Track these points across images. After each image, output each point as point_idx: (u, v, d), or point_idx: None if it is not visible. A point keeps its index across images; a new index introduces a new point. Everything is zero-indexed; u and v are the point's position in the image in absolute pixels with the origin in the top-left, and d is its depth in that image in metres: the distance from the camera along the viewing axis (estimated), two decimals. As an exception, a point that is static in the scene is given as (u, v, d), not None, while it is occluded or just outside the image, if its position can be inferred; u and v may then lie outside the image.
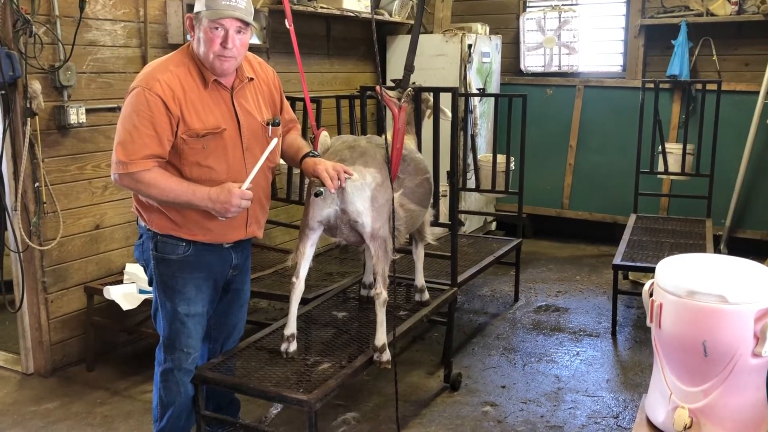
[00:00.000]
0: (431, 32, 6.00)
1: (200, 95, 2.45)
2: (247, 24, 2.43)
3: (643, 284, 4.58)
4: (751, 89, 5.61)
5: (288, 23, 2.73)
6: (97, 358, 3.85)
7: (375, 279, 2.78)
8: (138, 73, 2.52)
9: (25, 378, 3.75)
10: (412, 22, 5.91)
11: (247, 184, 2.42)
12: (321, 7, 5.01)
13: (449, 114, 3.54)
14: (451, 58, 5.70)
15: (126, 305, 3.60)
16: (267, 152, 2.50)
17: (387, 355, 2.80)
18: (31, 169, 3.52)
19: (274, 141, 2.55)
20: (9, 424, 3.30)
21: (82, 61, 3.69)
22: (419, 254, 3.44)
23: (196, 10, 2.42)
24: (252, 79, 2.60)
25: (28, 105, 3.42)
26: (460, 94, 4.76)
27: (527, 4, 6.63)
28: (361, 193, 2.66)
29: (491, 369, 3.87)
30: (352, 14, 5.24)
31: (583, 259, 5.93)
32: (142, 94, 2.36)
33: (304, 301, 3.16)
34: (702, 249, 4.45)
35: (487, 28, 6.26)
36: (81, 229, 3.80)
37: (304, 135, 3.68)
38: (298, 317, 2.89)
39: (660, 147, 5.33)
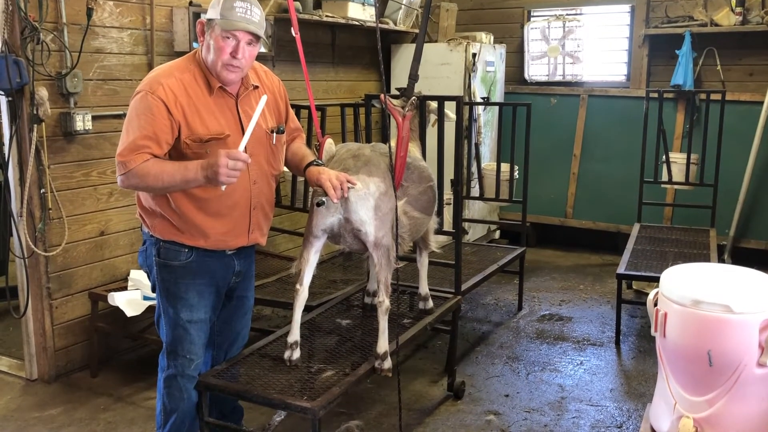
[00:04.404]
0: (436, 41, 6.02)
1: (205, 101, 2.47)
2: (258, 37, 2.44)
3: (646, 293, 4.58)
4: (756, 99, 5.61)
5: (294, 31, 2.74)
6: (100, 364, 3.86)
7: (378, 287, 2.79)
8: (144, 79, 2.53)
9: (29, 384, 3.75)
10: (416, 31, 5.94)
11: (243, 144, 2.33)
12: (326, 16, 5.04)
13: (453, 116, 3.56)
14: (456, 66, 5.72)
15: (130, 312, 3.60)
16: (261, 104, 2.39)
17: (388, 363, 2.80)
18: (37, 175, 3.54)
19: (265, 97, 2.45)
20: (12, 429, 3.31)
21: (88, 68, 3.71)
22: (423, 262, 3.44)
23: (209, 16, 2.43)
24: (257, 87, 2.62)
25: (35, 111, 3.44)
26: (465, 103, 4.77)
27: (532, 14, 6.65)
28: (364, 203, 2.67)
29: (495, 378, 3.86)
30: (357, 23, 5.27)
31: (587, 268, 5.92)
32: (145, 97, 2.39)
33: (307, 309, 3.16)
34: (706, 259, 4.44)
35: (492, 37, 6.28)
36: (86, 235, 3.81)
37: (308, 143, 3.69)
38: (302, 325, 2.89)
39: (664, 156, 5.33)
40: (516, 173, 5.07)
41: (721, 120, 5.08)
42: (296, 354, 2.79)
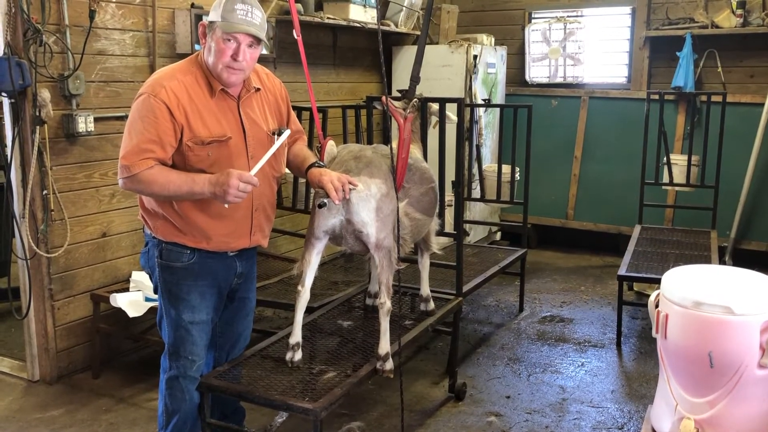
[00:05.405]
0: (437, 43, 6.02)
1: (207, 103, 2.48)
2: (259, 40, 2.45)
3: (647, 295, 4.58)
4: (756, 101, 5.62)
5: (296, 34, 2.74)
6: (102, 365, 3.86)
7: (379, 288, 2.79)
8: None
9: (31, 385, 3.76)
10: (417, 32, 5.95)
11: (255, 170, 2.41)
12: (328, 18, 5.05)
13: (454, 118, 3.56)
14: (457, 68, 5.73)
15: (132, 313, 3.61)
16: (280, 141, 2.51)
17: (390, 364, 2.81)
18: (39, 176, 3.54)
19: (287, 131, 2.57)
20: (14, 430, 3.31)
21: (90, 70, 3.72)
22: (424, 264, 3.44)
23: (210, 19, 2.44)
24: (258, 89, 2.62)
25: (37, 113, 3.45)
26: (466, 105, 4.78)
27: (532, 16, 6.66)
28: (366, 204, 2.67)
29: (496, 379, 3.86)
30: (358, 25, 5.27)
31: (588, 270, 5.93)
32: (147, 100, 2.40)
33: (309, 310, 3.17)
34: (707, 260, 4.44)
35: (493, 39, 6.29)
36: (88, 236, 3.82)
37: (310, 144, 3.69)
38: (304, 326, 2.89)
39: (665, 158, 5.33)
40: (517, 175, 5.07)
41: (722, 122, 5.08)
42: (298, 355, 2.79)
